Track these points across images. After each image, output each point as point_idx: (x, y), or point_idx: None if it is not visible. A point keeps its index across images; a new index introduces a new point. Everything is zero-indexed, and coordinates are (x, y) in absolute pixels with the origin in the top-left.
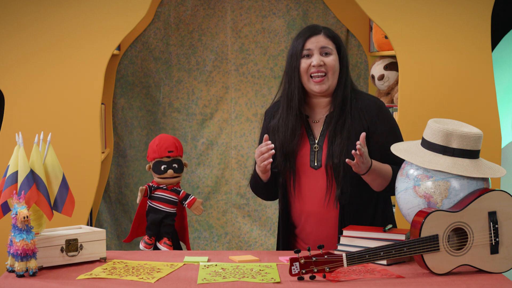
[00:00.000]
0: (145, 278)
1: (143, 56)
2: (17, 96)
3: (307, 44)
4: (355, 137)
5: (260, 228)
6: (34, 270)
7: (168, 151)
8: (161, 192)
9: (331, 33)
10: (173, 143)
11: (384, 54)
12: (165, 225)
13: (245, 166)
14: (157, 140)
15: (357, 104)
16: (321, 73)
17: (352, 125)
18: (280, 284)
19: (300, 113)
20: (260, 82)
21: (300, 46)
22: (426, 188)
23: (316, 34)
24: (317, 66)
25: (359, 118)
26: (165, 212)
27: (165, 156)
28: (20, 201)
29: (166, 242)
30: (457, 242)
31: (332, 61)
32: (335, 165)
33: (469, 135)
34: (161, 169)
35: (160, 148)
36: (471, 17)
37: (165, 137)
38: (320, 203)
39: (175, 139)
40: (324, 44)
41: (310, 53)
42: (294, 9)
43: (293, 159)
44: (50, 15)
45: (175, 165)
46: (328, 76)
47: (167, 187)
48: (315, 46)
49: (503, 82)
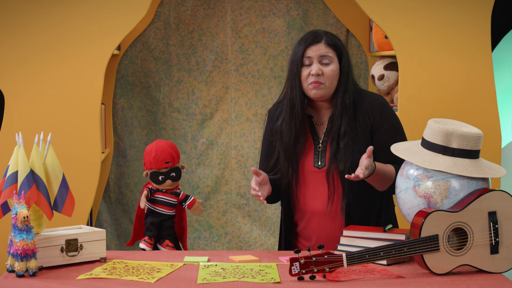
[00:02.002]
0: (145, 278)
1: (143, 56)
2: (17, 96)
3: (307, 52)
4: (359, 136)
5: (260, 228)
6: (34, 270)
7: (166, 162)
8: (161, 195)
9: (332, 41)
10: (169, 154)
11: (384, 54)
12: (166, 227)
13: (245, 166)
14: (153, 152)
15: (361, 103)
16: (319, 82)
17: (356, 124)
18: (280, 284)
19: (303, 117)
20: (260, 82)
21: (301, 54)
22: (426, 188)
23: (317, 42)
24: (315, 75)
25: (363, 117)
26: (165, 215)
27: (163, 167)
28: (20, 201)
29: (169, 245)
30: (457, 242)
31: (330, 71)
32: (340, 165)
33: (469, 135)
34: (159, 179)
35: (157, 161)
36: (471, 17)
37: (161, 147)
38: (324, 202)
39: (171, 147)
40: (323, 53)
41: (310, 61)
42: (294, 9)
43: (296, 161)
44: (50, 15)
45: (173, 174)
46: (326, 85)
47: (167, 190)
48: (315, 54)
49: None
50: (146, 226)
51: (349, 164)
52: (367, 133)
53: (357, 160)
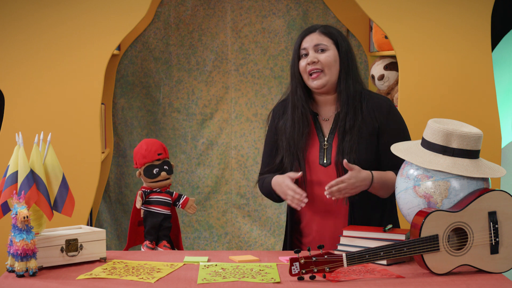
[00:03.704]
0: (145, 278)
1: (143, 56)
2: (17, 96)
3: (303, 44)
4: (365, 136)
5: (260, 228)
6: (34, 270)
7: (158, 154)
8: (157, 195)
9: (327, 30)
10: (160, 145)
11: (384, 54)
12: (164, 228)
13: (245, 166)
14: (144, 145)
15: (368, 103)
16: (317, 70)
17: (362, 123)
18: (280, 284)
19: (307, 112)
20: (260, 82)
21: (297, 46)
22: (426, 188)
23: (311, 32)
24: (311, 63)
25: (370, 117)
26: (163, 215)
27: (156, 159)
28: (20, 201)
29: (166, 245)
30: (457, 242)
31: (327, 57)
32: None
33: (469, 135)
34: (153, 172)
35: (150, 152)
36: (471, 17)
37: (151, 141)
38: (329, 201)
39: (159, 142)
40: (318, 42)
41: (306, 52)
42: (294, 9)
43: (302, 158)
44: (50, 15)
45: (166, 167)
46: (325, 72)
47: (161, 189)
48: (309, 44)
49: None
50: (146, 230)
51: (353, 162)
52: (373, 134)
53: (361, 158)
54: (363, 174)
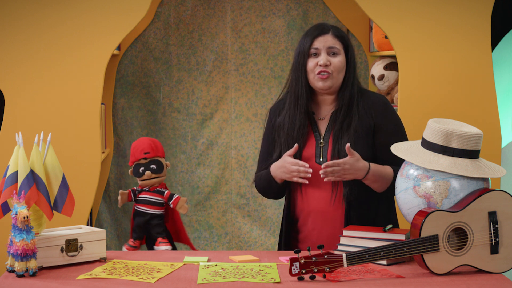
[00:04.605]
0: (145, 278)
1: (143, 56)
2: (17, 96)
3: (315, 43)
4: (361, 134)
5: (260, 228)
6: (34, 270)
7: (144, 153)
8: (145, 194)
9: (339, 33)
10: (148, 145)
11: (384, 54)
12: (153, 226)
13: (245, 166)
14: (133, 144)
15: (363, 102)
16: (326, 72)
17: (358, 122)
18: (280, 284)
19: (307, 109)
20: (260, 82)
21: (308, 45)
22: (426, 188)
23: (324, 33)
24: (323, 65)
25: (365, 116)
26: (149, 214)
27: (142, 158)
28: (20, 201)
29: (162, 241)
30: (457, 242)
31: (338, 62)
32: None
33: (469, 135)
34: (139, 171)
35: (136, 151)
36: (471, 17)
37: (141, 140)
38: (325, 199)
39: (152, 140)
40: (331, 44)
41: (318, 52)
42: (294, 9)
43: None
44: (50, 15)
45: (153, 166)
46: (333, 75)
47: (149, 188)
48: (322, 45)
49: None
50: (132, 227)
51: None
52: (369, 132)
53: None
54: (360, 164)
